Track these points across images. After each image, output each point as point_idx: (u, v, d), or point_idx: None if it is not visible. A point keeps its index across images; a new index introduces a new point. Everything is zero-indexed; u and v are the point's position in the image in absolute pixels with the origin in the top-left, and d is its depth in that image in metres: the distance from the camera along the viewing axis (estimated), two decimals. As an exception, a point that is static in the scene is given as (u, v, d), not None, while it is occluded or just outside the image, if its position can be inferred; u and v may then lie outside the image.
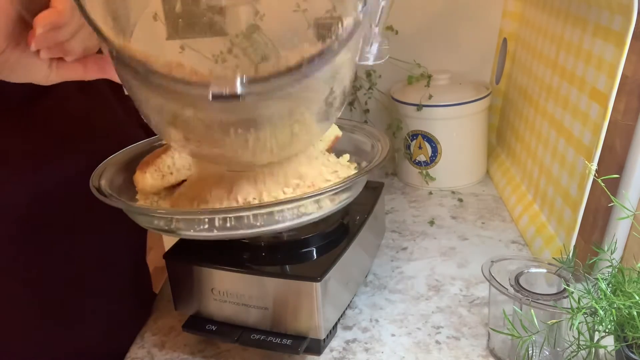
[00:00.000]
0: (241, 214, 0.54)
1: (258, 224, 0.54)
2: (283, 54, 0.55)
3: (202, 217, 0.56)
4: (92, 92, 0.72)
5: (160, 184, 0.64)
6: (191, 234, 0.56)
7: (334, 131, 0.73)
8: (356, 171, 0.69)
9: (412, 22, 1.18)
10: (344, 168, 0.69)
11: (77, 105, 0.69)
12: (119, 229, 0.72)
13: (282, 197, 0.58)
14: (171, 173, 0.63)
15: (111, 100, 0.75)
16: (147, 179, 0.63)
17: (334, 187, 0.57)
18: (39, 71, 0.50)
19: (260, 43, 1.11)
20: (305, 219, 0.57)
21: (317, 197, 0.55)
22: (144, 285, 0.83)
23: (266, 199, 0.57)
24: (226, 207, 0.57)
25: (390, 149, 0.66)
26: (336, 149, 0.74)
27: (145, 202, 0.66)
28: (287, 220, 0.55)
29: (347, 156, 0.73)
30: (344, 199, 0.61)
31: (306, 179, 0.60)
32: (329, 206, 0.59)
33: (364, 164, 0.71)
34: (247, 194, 0.58)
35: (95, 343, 0.72)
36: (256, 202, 0.57)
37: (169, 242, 0.76)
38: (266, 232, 0.56)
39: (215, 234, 0.55)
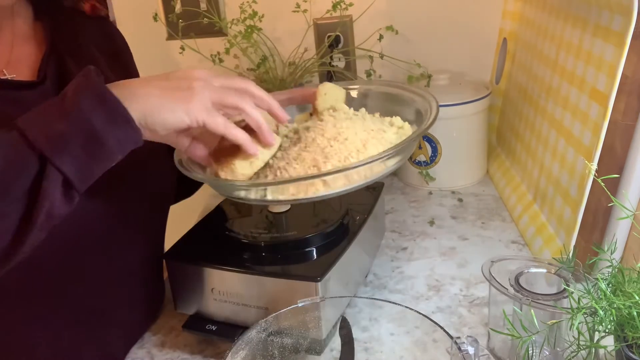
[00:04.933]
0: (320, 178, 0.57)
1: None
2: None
3: (285, 184, 0.59)
4: None
5: (250, 172, 0.60)
6: (290, 197, 0.59)
7: (342, 91, 0.70)
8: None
9: (412, 22, 1.18)
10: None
11: None
12: (138, 240, 0.73)
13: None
14: (257, 159, 0.60)
15: None
16: (237, 170, 0.60)
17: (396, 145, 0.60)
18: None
19: (260, 43, 1.11)
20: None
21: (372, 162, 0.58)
22: (159, 295, 0.83)
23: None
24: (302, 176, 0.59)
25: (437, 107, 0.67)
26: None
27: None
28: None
29: (363, 110, 0.70)
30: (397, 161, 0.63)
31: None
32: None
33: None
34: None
35: (116, 348, 0.73)
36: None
37: (169, 242, 0.76)
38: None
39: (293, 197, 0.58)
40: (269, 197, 0.59)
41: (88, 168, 0.51)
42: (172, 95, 0.53)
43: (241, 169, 0.59)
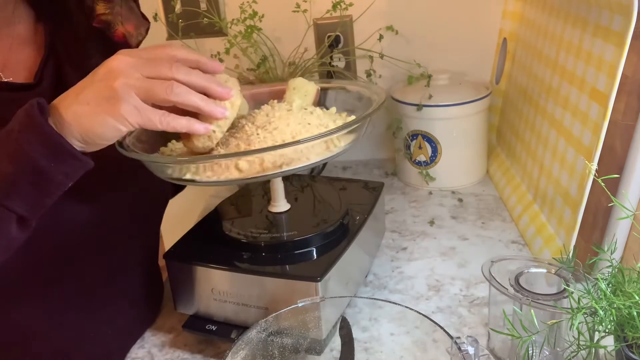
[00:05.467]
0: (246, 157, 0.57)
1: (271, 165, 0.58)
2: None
3: (213, 160, 0.58)
4: None
5: (212, 143, 0.60)
6: (205, 179, 0.59)
7: (313, 87, 0.71)
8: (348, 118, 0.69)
9: (412, 22, 1.18)
10: (334, 117, 0.69)
11: None
12: (134, 237, 0.73)
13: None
14: (214, 131, 0.59)
15: None
16: (197, 145, 0.60)
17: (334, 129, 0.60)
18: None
19: (260, 43, 1.11)
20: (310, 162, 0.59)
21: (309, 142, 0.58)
22: (158, 293, 0.83)
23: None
24: (234, 152, 0.59)
25: (386, 99, 0.66)
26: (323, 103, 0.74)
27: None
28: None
29: (334, 109, 0.71)
30: (346, 144, 0.63)
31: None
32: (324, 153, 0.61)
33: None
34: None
35: (116, 348, 0.73)
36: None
37: (169, 242, 0.76)
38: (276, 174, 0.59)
39: (224, 177, 0.58)
40: (188, 176, 0.59)
41: (39, 201, 0.52)
42: (98, 108, 0.51)
43: (201, 144, 0.59)
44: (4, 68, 0.65)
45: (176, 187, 0.87)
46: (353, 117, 0.68)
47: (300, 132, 0.61)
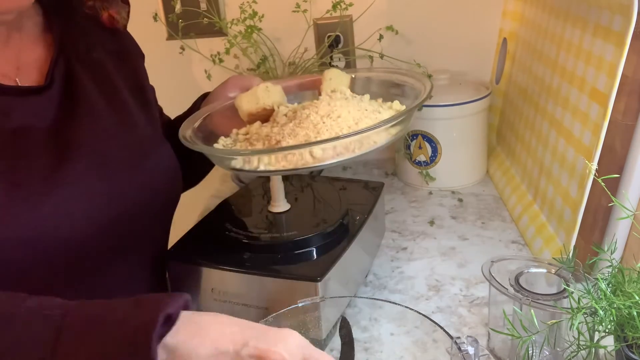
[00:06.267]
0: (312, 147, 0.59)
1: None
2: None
3: (277, 153, 0.61)
4: (120, 107, 0.73)
5: (255, 108, 0.69)
6: (280, 168, 0.61)
7: (347, 77, 0.73)
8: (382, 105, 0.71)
9: (412, 22, 1.18)
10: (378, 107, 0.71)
11: (108, 122, 0.70)
12: (143, 242, 0.73)
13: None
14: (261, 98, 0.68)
15: (137, 115, 0.75)
16: (243, 103, 0.70)
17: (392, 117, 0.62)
18: None
19: (260, 43, 1.11)
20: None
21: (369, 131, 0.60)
22: (162, 292, 0.83)
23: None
24: (301, 143, 0.61)
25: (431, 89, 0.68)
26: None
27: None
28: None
29: (367, 96, 0.73)
30: (399, 131, 0.66)
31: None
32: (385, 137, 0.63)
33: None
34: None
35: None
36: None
37: (169, 242, 0.76)
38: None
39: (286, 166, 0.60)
40: (261, 167, 0.61)
41: None
42: None
43: (247, 104, 0.70)
44: (18, 70, 0.64)
45: (185, 187, 0.87)
46: (397, 102, 0.70)
47: (361, 118, 0.63)
